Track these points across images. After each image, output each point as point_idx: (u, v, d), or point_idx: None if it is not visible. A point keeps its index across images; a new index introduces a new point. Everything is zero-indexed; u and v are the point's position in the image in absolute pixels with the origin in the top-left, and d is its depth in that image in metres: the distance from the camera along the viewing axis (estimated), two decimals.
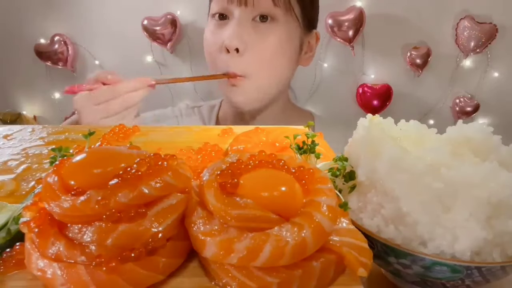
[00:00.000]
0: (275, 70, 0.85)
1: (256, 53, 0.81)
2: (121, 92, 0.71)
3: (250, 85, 0.83)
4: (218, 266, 0.30)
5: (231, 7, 0.80)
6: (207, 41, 0.86)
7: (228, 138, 0.57)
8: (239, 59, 0.80)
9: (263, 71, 0.83)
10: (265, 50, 0.81)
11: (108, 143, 0.53)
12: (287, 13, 0.82)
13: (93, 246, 0.29)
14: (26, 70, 1.52)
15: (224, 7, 0.81)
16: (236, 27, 0.79)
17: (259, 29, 0.81)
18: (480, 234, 0.34)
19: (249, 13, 0.80)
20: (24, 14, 1.45)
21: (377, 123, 0.45)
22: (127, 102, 0.72)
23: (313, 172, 0.34)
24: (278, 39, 0.82)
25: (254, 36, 0.80)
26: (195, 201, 0.33)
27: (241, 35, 0.79)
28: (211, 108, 1.03)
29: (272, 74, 0.85)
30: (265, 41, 0.81)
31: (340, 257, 0.31)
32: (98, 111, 0.70)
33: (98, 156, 0.34)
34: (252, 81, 0.83)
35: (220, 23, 0.83)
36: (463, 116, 1.45)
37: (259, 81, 0.84)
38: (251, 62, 0.81)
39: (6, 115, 1.55)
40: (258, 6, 0.79)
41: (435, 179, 0.36)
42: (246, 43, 0.79)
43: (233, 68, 0.81)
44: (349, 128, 0.49)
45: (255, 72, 0.82)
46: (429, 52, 1.39)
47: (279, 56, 0.84)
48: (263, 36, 0.81)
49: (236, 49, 0.79)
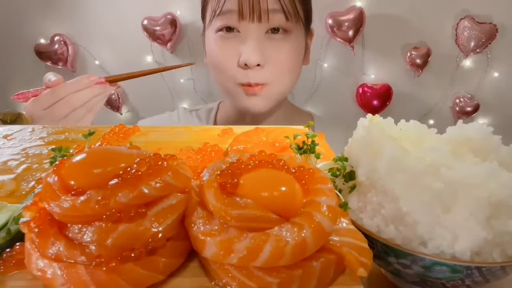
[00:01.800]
0: (292, 76, 0.87)
1: (274, 64, 0.82)
2: (61, 94, 0.70)
3: (271, 92, 0.84)
4: (218, 266, 0.30)
5: (243, 24, 0.80)
6: (216, 55, 0.85)
7: (228, 138, 0.57)
8: (260, 71, 0.81)
9: (282, 78, 0.84)
10: (282, 60, 0.83)
11: (108, 143, 0.53)
12: (297, 23, 0.83)
13: (93, 246, 0.29)
14: (26, 70, 1.51)
15: (233, 23, 0.80)
16: (254, 43, 0.79)
17: (274, 41, 0.81)
18: (480, 234, 0.34)
19: (263, 28, 0.80)
20: (24, 14, 1.45)
21: (377, 123, 0.45)
22: (71, 103, 0.71)
23: (313, 172, 0.34)
24: (292, 47, 0.84)
25: (271, 49, 0.81)
26: (195, 201, 0.33)
27: (260, 50, 0.79)
28: (209, 111, 1.03)
29: (290, 80, 0.87)
30: (281, 52, 0.82)
31: (340, 257, 0.31)
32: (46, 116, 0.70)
33: (98, 156, 0.34)
34: (272, 88, 0.84)
35: (229, 35, 0.82)
36: (463, 116, 1.45)
37: (279, 87, 0.85)
38: (271, 72, 0.82)
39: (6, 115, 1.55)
40: (272, 21, 0.79)
41: (435, 179, 0.36)
42: (266, 57, 0.80)
43: (255, 79, 0.81)
44: (349, 128, 0.49)
45: (275, 80, 0.83)
46: (429, 52, 1.39)
47: (295, 62, 0.86)
48: (279, 48, 0.82)
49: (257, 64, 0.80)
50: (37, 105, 0.70)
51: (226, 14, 0.79)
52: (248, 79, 0.81)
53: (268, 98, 0.85)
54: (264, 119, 0.92)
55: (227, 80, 0.84)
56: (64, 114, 0.70)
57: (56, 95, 0.70)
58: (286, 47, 0.82)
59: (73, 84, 0.72)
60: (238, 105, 0.87)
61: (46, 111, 0.70)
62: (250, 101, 0.84)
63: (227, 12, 0.79)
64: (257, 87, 0.82)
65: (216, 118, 1.01)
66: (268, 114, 0.91)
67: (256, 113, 0.86)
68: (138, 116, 1.58)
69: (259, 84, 0.82)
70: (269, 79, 0.82)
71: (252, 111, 0.86)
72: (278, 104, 0.90)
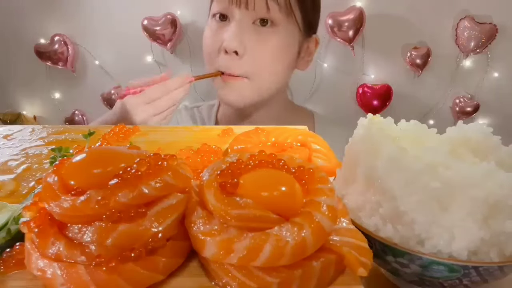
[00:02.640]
0: (273, 73, 0.86)
1: (255, 56, 0.81)
2: (171, 89, 0.75)
3: (247, 85, 0.83)
4: (218, 266, 0.30)
5: (232, 8, 0.80)
6: (206, 41, 0.86)
7: (228, 138, 0.57)
8: (238, 61, 0.80)
9: (261, 73, 0.83)
10: (264, 54, 0.82)
11: (108, 143, 0.53)
12: (288, 18, 0.82)
13: (93, 246, 0.29)
14: (26, 70, 1.52)
15: (225, 7, 0.81)
16: (236, 29, 0.79)
17: (259, 32, 0.81)
18: (477, 234, 0.34)
19: (250, 17, 0.80)
20: (24, 14, 1.45)
21: (377, 123, 0.45)
22: (174, 98, 0.76)
23: (313, 172, 0.34)
24: (278, 43, 0.82)
25: (254, 39, 0.80)
26: (195, 201, 0.33)
27: (241, 38, 0.79)
28: (210, 108, 1.03)
29: (269, 77, 0.86)
30: (264, 45, 0.81)
31: (340, 257, 0.31)
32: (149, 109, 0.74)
33: (98, 156, 0.34)
34: (250, 82, 0.83)
35: (221, 24, 0.83)
36: (463, 116, 1.45)
37: (257, 82, 0.84)
38: (250, 65, 0.81)
39: (6, 115, 1.56)
40: (259, 10, 0.79)
41: (432, 178, 0.36)
42: (245, 46, 0.80)
43: (232, 69, 0.81)
44: (349, 127, 0.49)
45: (254, 74, 0.82)
46: (429, 52, 1.39)
47: (278, 60, 0.85)
48: (262, 40, 0.81)
49: (235, 52, 0.79)
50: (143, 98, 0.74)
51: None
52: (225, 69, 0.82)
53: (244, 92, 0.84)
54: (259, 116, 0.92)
55: (210, 68, 0.85)
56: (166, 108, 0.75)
57: (166, 89, 0.75)
58: (271, 41, 0.81)
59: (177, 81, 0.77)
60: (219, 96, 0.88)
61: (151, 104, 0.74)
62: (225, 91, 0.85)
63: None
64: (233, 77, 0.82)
65: (217, 115, 1.01)
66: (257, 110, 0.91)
67: (232, 106, 0.87)
68: None
69: (233, 75, 0.82)
70: (246, 71, 0.82)
71: (227, 102, 0.87)
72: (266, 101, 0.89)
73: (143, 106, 0.73)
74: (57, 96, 1.57)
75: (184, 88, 0.77)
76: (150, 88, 0.75)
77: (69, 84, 1.55)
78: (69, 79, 1.53)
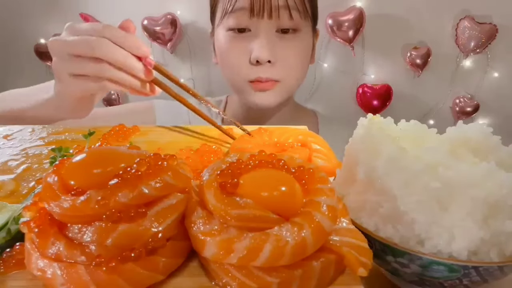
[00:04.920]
0: (301, 74, 0.89)
1: (284, 62, 0.83)
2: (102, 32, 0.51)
3: (280, 88, 0.85)
4: (218, 266, 0.30)
5: (254, 21, 0.81)
6: (226, 54, 0.86)
7: (229, 138, 0.57)
8: (271, 68, 0.82)
9: (291, 76, 0.86)
10: (293, 58, 0.84)
11: (108, 143, 0.53)
12: (306, 21, 0.84)
13: (93, 246, 0.29)
14: (26, 70, 1.52)
15: (245, 21, 0.81)
16: (264, 40, 0.80)
17: (284, 39, 0.83)
18: (477, 233, 0.34)
19: (273, 26, 0.81)
20: (24, 14, 1.45)
21: (377, 123, 0.45)
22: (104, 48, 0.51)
23: (313, 172, 0.34)
24: (302, 46, 0.85)
25: (282, 46, 0.82)
26: (195, 201, 0.33)
27: (271, 48, 0.80)
28: (218, 104, 1.03)
29: (298, 77, 0.89)
30: (291, 50, 0.83)
31: (340, 257, 0.31)
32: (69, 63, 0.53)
33: (98, 156, 0.34)
34: (282, 85, 0.85)
35: (241, 35, 0.83)
36: (463, 116, 1.45)
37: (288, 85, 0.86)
38: (281, 70, 0.83)
39: None
40: (282, 19, 0.80)
41: (432, 178, 0.36)
42: (276, 54, 0.81)
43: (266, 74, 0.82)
44: (349, 127, 0.49)
45: (285, 77, 0.84)
46: (429, 52, 1.39)
47: (304, 60, 0.88)
48: (289, 46, 0.83)
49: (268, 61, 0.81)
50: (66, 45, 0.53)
51: (237, 12, 0.80)
52: (259, 74, 0.82)
53: (277, 94, 0.86)
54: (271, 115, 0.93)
55: (238, 78, 0.85)
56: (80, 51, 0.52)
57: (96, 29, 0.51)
58: (296, 45, 0.84)
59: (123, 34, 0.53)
60: (247, 100, 0.88)
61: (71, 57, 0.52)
62: (258, 96, 0.85)
63: (238, 10, 0.80)
64: (268, 83, 0.83)
65: (225, 111, 1.01)
66: (276, 110, 0.92)
67: (264, 108, 0.87)
68: None
69: (270, 79, 0.83)
70: (280, 76, 0.83)
71: (260, 106, 0.87)
72: (285, 101, 0.91)
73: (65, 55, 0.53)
74: None
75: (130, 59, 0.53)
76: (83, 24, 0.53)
77: None
78: None
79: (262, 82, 0.83)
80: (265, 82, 0.83)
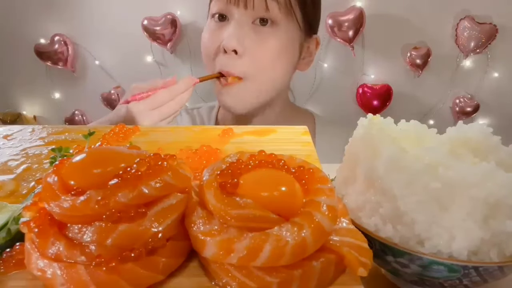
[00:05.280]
0: (273, 74, 0.85)
1: (255, 56, 0.80)
2: (177, 94, 0.75)
3: (247, 88, 0.82)
4: (218, 266, 0.30)
5: (231, 8, 0.79)
6: (205, 41, 0.86)
7: (229, 138, 0.57)
8: (238, 61, 0.80)
9: (261, 74, 0.82)
10: (264, 54, 0.81)
11: (108, 143, 0.53)
12: (288, 17, 0.81)
13: (93, 246, 0.29)
14: (26, 70, 1.52)
15: (224, 7, 0.80)
16: (235, 28, 0.79)
17: (259, 32, 0.80)
18: (477, 233, 0.34)
19: (249, 16, 0.79)
20: (24, 14, 1.45)
21: (377, 123, 0.45)
22: (180, 102, 0.76)
23: (313, 172, 0.34)
24: (278, 43, 0.81)
25: (253, 39, 0.80)
26: (195, 201, 0.33)
27: (240, 37, 0.78)
28: (210, 110, 1.03)
29: (269, 78, 0.84)
30: (264, 44, 0.80)
31: (340, 257, 0.31)
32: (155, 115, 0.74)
33: (98, 156, 0.34)
34: (249, 84, 0.82)
35: (220, 24, 0.82)
36: (463, 116, 1.45)
37: (257, 84, 0.83)
38: (249, 65, 0.80)
39: (6, 115, 1.56)
40: (258, 9, 0.78)
41: (432, 178, 0.36)
42: (245, 45, 0.79)
43: (231, 69, 0.80)
44: (349, 128, 0.49)
45: (253, 75, 0.81)
46: (429, 52, 1.39)
47: (278, 60, 0.83)
48: (262, 40, 0.80)
49: (234, 51, 0.79)
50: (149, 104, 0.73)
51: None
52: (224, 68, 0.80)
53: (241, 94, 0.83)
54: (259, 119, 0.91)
55: (213, 70, 0.84)
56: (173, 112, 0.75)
57: (172, 94, 0.74)
58: (271, 41, 0.81)
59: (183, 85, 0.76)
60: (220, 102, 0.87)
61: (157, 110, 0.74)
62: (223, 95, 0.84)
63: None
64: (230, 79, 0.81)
65: (218, 117, 1.01)
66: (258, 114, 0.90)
67: (232, 110, 0.86)
68: None
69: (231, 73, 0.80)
70: (245, 72, 0.81)
71: (228, 108, 0.86)
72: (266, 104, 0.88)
73: (149, 111, 0.73)
74: (57, 96, 1.57)
75: (188, 91, 0.77)
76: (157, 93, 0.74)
77: (69, 84, 1.55)
78: (69, 79, 1.53)
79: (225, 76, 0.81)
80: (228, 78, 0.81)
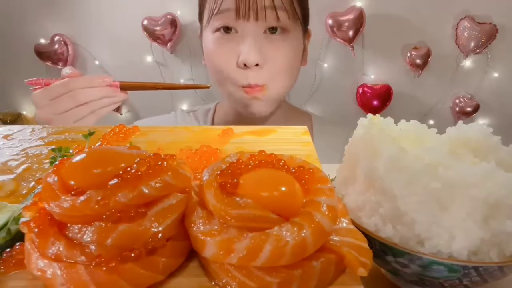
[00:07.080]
0: (291, 76, 0.87)
1: (273, 64, 0.81)
2: (70, 87, 0.68)
3: (270, 93, 0.84)
4: (218, 266, 0.30)
5: (240, 23, 0.79)
6: (214, 56, 0.85)
7: (229, 138, 0.57)
8: (260, 72, 0.80)
9: (281, 79, 0.84)
10: (281, 60, 0.82)
11: (108, 143, 0.53)
12: (295, 22, 0.82)
13: (93, 246, 0.29)
14: (26, 70, 1.52)
15: (231, 23, 0.80)
16: (252, 42, 0.79)
17: (271, 40, 0.81)
18: (477, 233, 0.34)
19: (260, 27, 0.80)
20: (24, 14, 1.45)
21: (377, 123, 0.45)
22: (77, 97, 0.69)
23: (313, 172, 0.34)
24: (291, 47, 0.83)
25: (269, 48, 0.80)
26: (195, 201, 0.33)
27: (259, 50, 0.79)
28: (206, 112, 1.03)
29: (288, 81, 0.86)
30: (279, 51, 0.81)
31: (340, 257, 0.31)
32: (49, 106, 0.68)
33: (98, 156, 0.34)
34: (271, 89, 0.83)
35: (227, 36, 0.82)
36: (463, 116, 1.45)
37: (278, 88, 0.85)
38: (270, 73, 0.81)
39: (6, 115, 1.56)
40: (270, 20, 0.79)
41: (432, 178, 0.36)
42: (264, 56, 0.80)
43: (254, 79, 0.81)
44: (349, 128, 0.49)
45: (274, 80, 0.83)
46: (429, 52, 1.39)
47: (293, 62, 0.85)
48: (276, 47, 0.81)
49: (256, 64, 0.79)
50: (45, 93, 0.69)
51: (223, 13, 0.79)
52: (248, 80, 0.80)
53: (269, 100, 0.85)
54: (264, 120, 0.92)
55: (227, 83, 0.84)
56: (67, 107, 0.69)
57: (65, 86, 0.68)
58: (284, 46, 0.82)
59: (84, 79, 0.70)
60: (242, 109, 0.86)
61: (51, 102, 0.69)
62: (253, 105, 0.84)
63: (224, 11, 0.79)
64: (257, 89, 0.81)
65: (214, 119, 1.01)
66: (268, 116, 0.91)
67: (261, 117, 0.87)
68: (138, 116, 1.58)
69: (258, 85, 0.81)
70: (267, 79, 0.82)
71: (257, 116, 0.86)
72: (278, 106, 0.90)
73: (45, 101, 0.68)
74: None
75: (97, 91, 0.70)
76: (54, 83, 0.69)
77: None
78: None
79: (252, 88, 0.81)
80: (255, 88, 0.81)
